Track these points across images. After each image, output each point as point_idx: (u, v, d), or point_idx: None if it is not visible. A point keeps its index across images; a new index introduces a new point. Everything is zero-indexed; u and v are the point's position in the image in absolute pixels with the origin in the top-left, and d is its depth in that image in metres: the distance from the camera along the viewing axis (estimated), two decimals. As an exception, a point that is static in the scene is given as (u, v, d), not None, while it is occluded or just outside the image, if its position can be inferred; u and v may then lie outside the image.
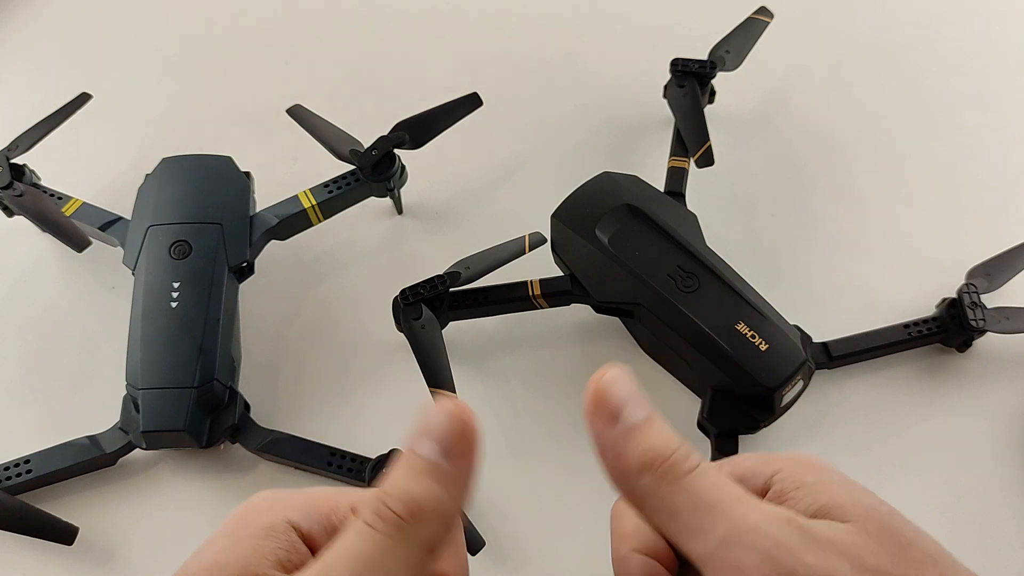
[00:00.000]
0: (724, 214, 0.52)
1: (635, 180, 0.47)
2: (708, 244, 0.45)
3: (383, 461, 0.41)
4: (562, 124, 0.57)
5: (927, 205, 0.53)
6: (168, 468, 0.45)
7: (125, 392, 0.44)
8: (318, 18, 0.64)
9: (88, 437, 0.43)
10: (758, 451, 0.44)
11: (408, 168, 0.51)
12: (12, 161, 0.50)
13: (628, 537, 0.28)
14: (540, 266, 0.47)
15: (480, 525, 0.40)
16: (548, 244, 0.47)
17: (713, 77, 0.52)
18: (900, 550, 0.21)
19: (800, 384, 0.42)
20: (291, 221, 0.49)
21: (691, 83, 0.52)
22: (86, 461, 0.43)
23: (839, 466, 0.25)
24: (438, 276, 0.45)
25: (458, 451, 0.23)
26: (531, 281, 0.46)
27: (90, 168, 0.56)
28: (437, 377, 0.42)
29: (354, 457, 0.43)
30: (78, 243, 0.47)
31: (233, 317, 0.46)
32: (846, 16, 0.63)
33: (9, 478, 0.42)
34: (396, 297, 0.45)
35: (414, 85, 0.60)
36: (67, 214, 0.49)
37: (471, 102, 0.51)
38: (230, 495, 0.44)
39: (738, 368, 0.41)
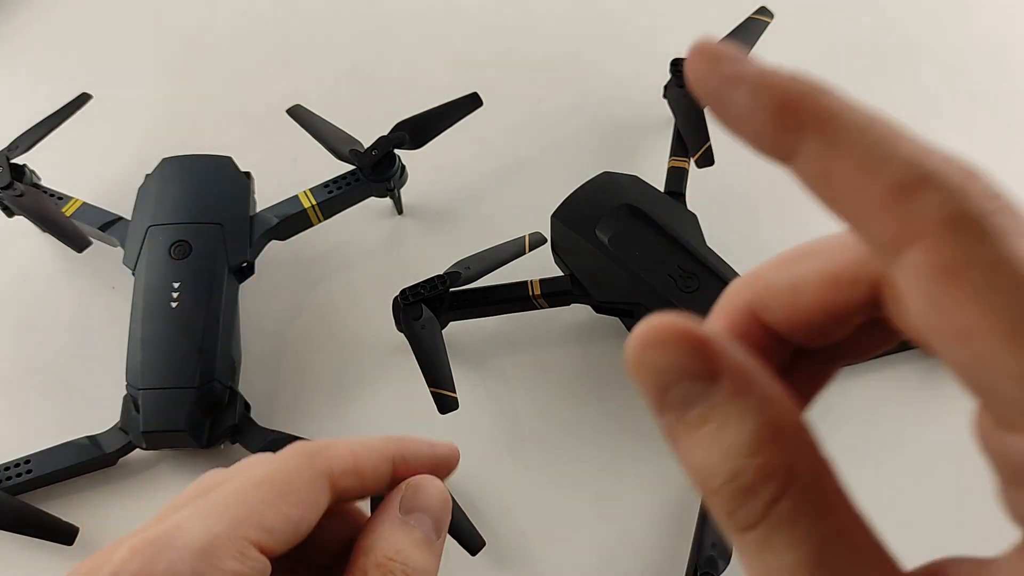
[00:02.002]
0: (724, 214, 0.52)
1: (635, 180, 0.47)
2: (708, 244, 0.45)
3: (383, 461, 0.41)
4: (562, 124, 0.57)
5: (927, 205, 0.53)
6: (168, 468, 0.45)
7: (125, 392, 0.44)
8: (318, 18, 0.64)
9: (88, 437, 0.43)
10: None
11: (408, 168, 0.51)
12: (12, 161, 0.50)
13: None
14: (540, 266, 0.47)
15: (480, 525, 0.40)
16: (548, 244, 0.47)
17: (713, 77, 0.52)
18: None
19: (800, 384, 0.42)
20: (291, 221, 0.49)
21: (691, 83, 0.51)
22: (86, 461, 0.43)
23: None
24: (438, 276, 0.45)
25: (444, 528, 0.26)
26: (531, 281, 0.46)
27: (90, 168, 0.56)
28: (437, 377, 0.42)
29: (354, 457, 0.43)
30: (78, 243, 0.47)
31: (233, 317, 0.46)
32: (846, 16, 0.63)
33: (9, 478, 0.42)
34: (396, 297, 0.45)
35: (414, 85, 0.60)
36: (67, 214, 0.49)
37: (471, 102, 0.51)
38: (230, 495, 0.44)
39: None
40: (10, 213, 0.51)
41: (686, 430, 0.16)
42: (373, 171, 0.49)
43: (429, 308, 0.44)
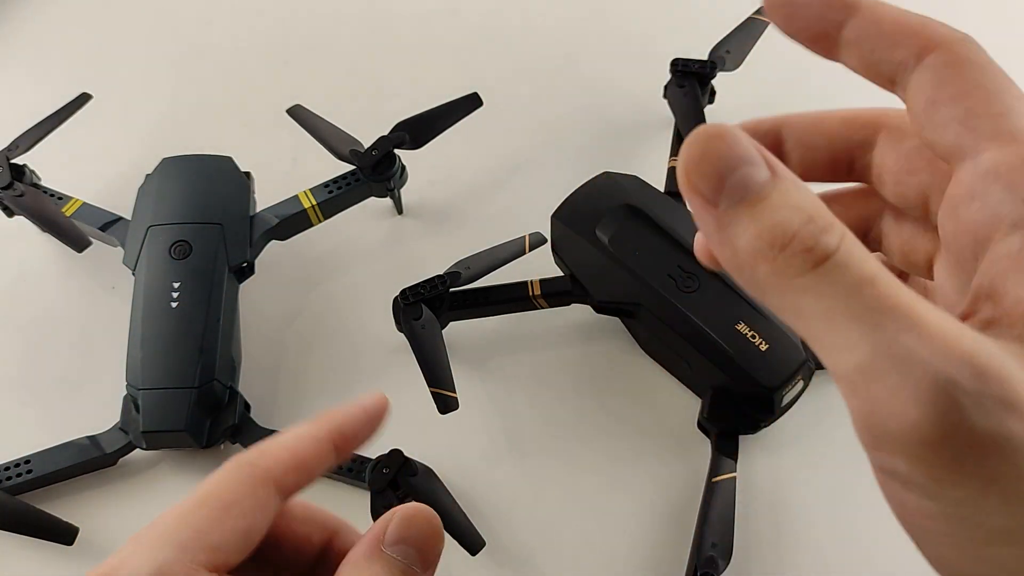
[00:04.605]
0: (724, 214, 0.52)
1: (635, 180, 0.47)
2: (708, 244, 0.45)
3: (383, 461, 0.41)
4: (562, 124, 0.57)
5: (927, 205, 0.53)
6: (168, 468, 0.45)
7: (125, 392, 0.44)
8: (318, 18, 0.64)
9: (88, 437, 0.43)
10: (756, 451, 0.44)
11: (408, 168, 0.51)
12: (12, 161, 0.50)
13: None
14: (540, 266, 0.47)
15: (480, 525, 0.40)
16: (548, 244, 0.47)
17: (713, 77, 0.52)
18: None
19: (800, 384, 0.42)
20: (291, 221, 0.49)
21: (691, 83, 0.52)
22: (86, 461, 0.43)
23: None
24: (438, 276, 0.45)
25: (432, 560, 0.24)
26: (531, 281, 0.46)
27: (90, 168, 0.56)
28: (437, 377, 0.42)
29: (354, 457, 0.43)
30: (78, 243, 0.47)
31: (233, 317, 0.46)
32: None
33: (9, 478, 0.42)
34: (396, 297, 0.45)
35: (414, 85, 0.60)
36: (67, 214, 0.49)
37: (471, 102, 0.51)
38: (230, 495, 0.44)
39: (738, 368, 0.41)
40: (10, 213, 0.51)
41: (743, 211, 0.18)
42: (373, 171, 0.49)
43: (429, 308, 0.44)
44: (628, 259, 0.44)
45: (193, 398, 0.42)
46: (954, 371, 0.15)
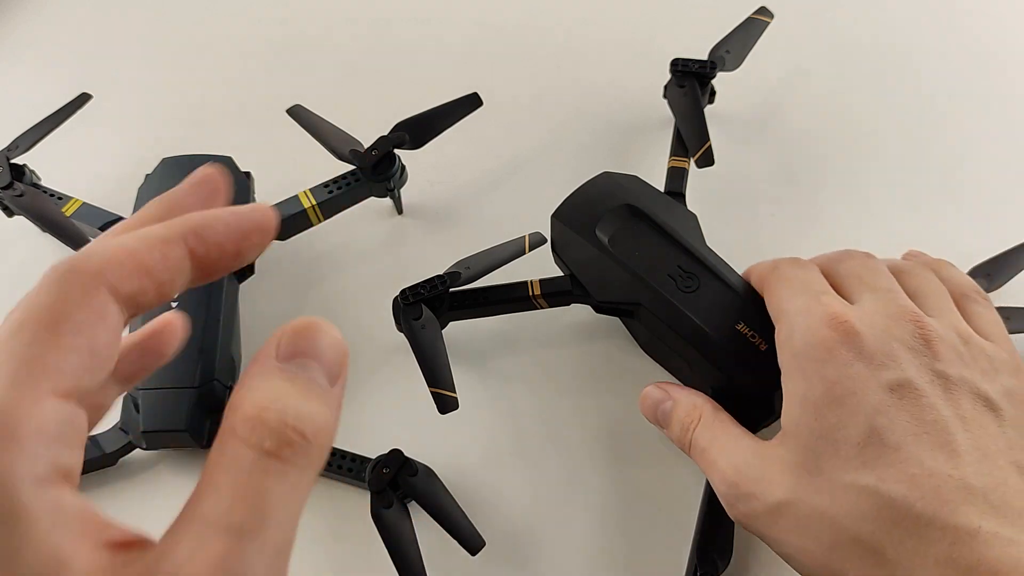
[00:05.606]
0: (724, 214, 0.52)
1: (635, 180, 0.47)
2: (708, 244, 0.45)
3: (383, 461, 0.41)
4: (562, 124, 0.57)
5: (927, 205, 0.53)
6: (168, 468, 0.45)
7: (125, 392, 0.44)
8: (318, 18, 0.64)
9: (88, 437, 0.43)
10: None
11: (408, 168, 0.51)
12: (12, 161, 0.50)
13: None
14: (540, 266, 0.47)
15: (480, 525, 0.40)
16: (548, 244, 0.47)
17: (713, 77, 0.52)
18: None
19: (800, 384, 0.42)
20: (291, 221, 0.49)
21: (691, 83, 0.52)
22: (86, 461, 0.43)
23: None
24: (438, 276, 0.45)
25: (338, 376, 0.21)
26: (531, 281, 0.46)
27: (90, 168, 0.56)
28: (437, 377, 0.42)
29: (354, 457, 0.43)
30: (78, 243, 0.47)
31: (233, 317, 0.46)
32: (847, 16, 0.63)
33: (9, 478, 0.42)
34: (396, 297, 0.45)
35: (414, 85, 0.60)
36: (67, 214, 0.49)
37: (471, 102, 0.51)
38: (230, 495, 0.44)
39: (738, 368, 0.41)
40: (10, 213, 0.51)
41: (667, 430, 0.39)
42: (373, 171, 0.49)
43: (429, 308, 0.44)
44: (628, 259, 0.44)
45: (193, 398, 0.42)
46: (720, 486, 0.35)
